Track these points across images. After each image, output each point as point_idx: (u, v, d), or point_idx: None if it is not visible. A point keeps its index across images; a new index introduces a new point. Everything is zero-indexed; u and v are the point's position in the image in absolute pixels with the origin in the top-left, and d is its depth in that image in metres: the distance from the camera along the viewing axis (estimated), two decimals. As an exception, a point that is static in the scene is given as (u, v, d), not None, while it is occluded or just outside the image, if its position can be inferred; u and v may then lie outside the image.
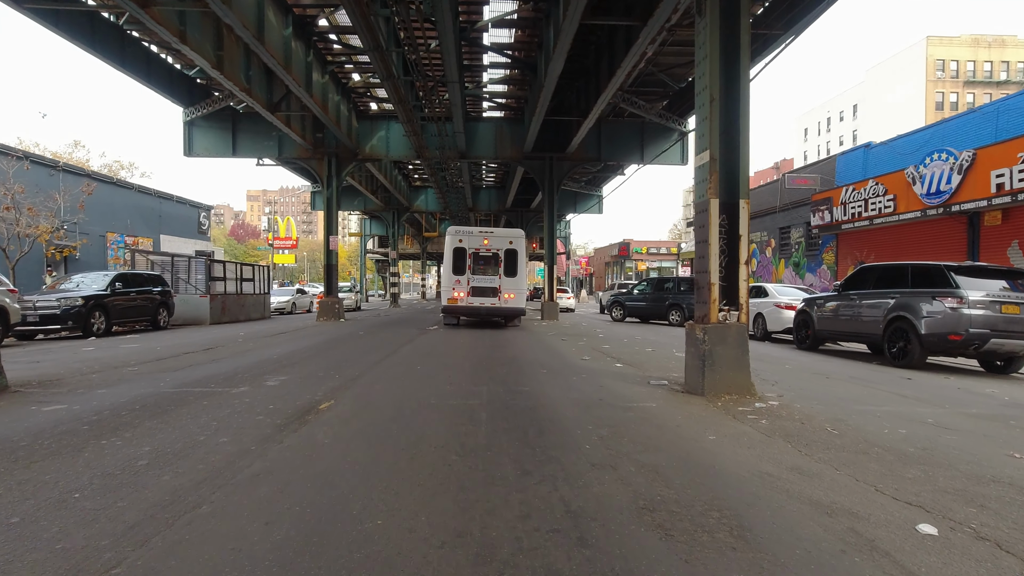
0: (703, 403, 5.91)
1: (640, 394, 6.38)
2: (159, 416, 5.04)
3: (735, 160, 6.27)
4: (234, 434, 4.40)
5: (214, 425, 4.70)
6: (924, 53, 58.91)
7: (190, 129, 21.18)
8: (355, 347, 11.08)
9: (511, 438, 4.37)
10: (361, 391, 6.35)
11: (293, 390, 6.37)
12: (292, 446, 4.09)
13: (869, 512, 3.02)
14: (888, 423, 5.21)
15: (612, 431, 4.66)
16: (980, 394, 7.20)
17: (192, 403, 5.61)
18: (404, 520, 2.81)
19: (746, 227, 6.26)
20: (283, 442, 4.18)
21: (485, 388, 6.59)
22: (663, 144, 22.41)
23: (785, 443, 4.41)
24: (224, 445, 4.10)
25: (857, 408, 5.88)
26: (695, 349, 6.27)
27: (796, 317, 12.77)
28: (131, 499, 3.06)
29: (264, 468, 3.62)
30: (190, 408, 5.38)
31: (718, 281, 6.18)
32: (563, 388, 6.75)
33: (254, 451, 3.97)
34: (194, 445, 4.09)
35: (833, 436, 4.66)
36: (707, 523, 2.82)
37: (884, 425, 5.12)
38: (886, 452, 4.21)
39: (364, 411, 5.30)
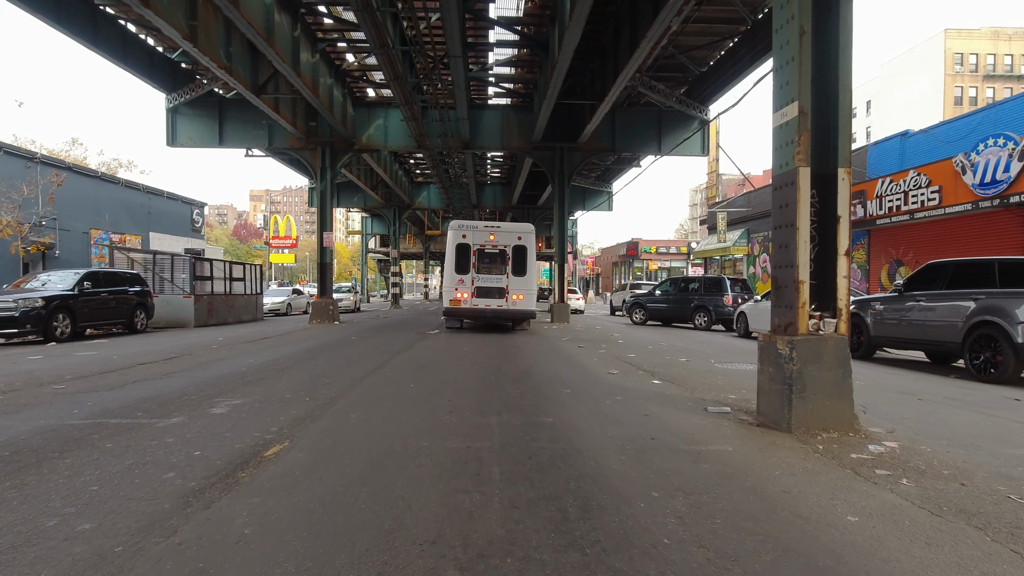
0: (795, 445, 4.30)
1: (703, 429, 4.79)
2: (24, 470, 3.49)
3: (831, 115, 4.70)
4: (106, 516, 2.82)
5: (91, 492, 3.14)
6: (942, 46, 57.02)
7: (173, 117, 19.68)
8: (342, 356, 9.53)
9: (541, 522, 2.79)
10: (331, 424, 4.78)
11: (242, 422, 4.81)
12: (184, 546, 2.51)
13: None
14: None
15: (691, 504, 3.07)
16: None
17: (92, 445, 4.07)
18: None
19: (847, 206, 4.67)
20: (174, 536, 2.61)
21: (495, 419, 5.01)
22: (682, 133, 20.76)
23: (977, 532, 2.81)
24: (69, 546, 2.51)
25: (1009, 452, 4.28)
26: (776, 369, 4.69)
27: (846, 321, 11.13)
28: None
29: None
30: (81, 455, 3.83)
31: (808, 278, 4.59)
32: (598, 418, 5.16)
33: (113, 561, 2.39)
34: (16, 547, 2.50)
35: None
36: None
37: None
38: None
39: (325, 463, 3.73)
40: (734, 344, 12.93)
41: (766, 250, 30.09)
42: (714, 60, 19.03)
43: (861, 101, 67.37)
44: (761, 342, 4.95)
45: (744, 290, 18.75)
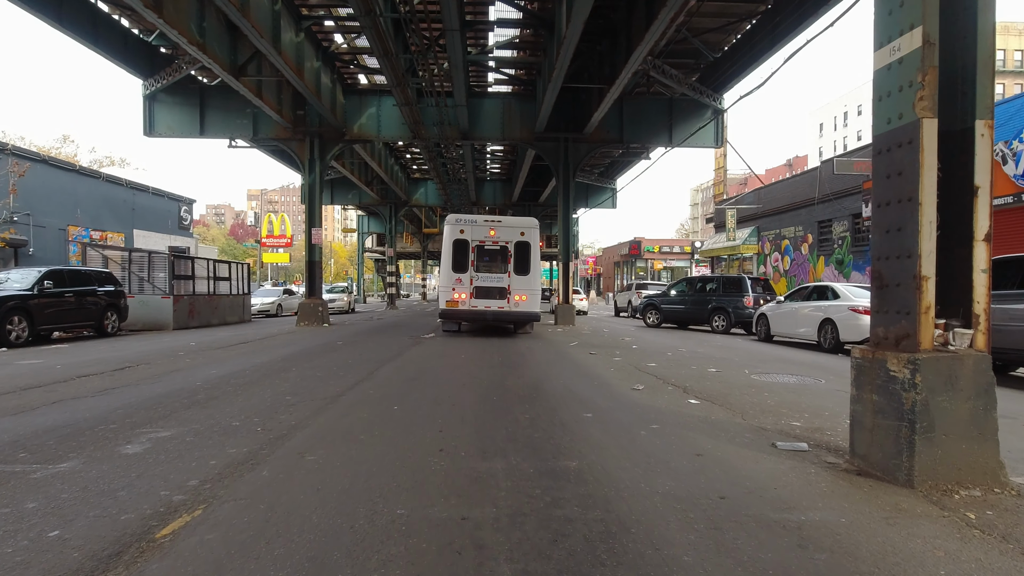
0: (932, 512, 3.00)
1: (785, 480, 3.49)
2: None
3: (963, 45, 3.44)
4: None
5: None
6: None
7: (151, 105, 18.36)
8: (320, 366, 8.23)
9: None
10: (274, 474, 3.47)
11: (153, 469, 3.53)
12: None
13: None
14: None
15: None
16: None
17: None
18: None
19: (987, 172, 3.40)
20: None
21: (501, 464, 3.72)
22: (694, 123, 19.48)
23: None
24: None
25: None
26: (886, 399, 3.40)
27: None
28: None
29: None
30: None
31: (933, 274, 3.31)
32: (637, 460, 3.87)
33: None
34: None
35: None
36: None
37: None
38: None
39: (241, 556, 2.44)
40: (761, 350, 11.67)
41: (777, 249, 28.78)
42: (729, 45, 17.81)
43: (866, 98, 65.72)
44: (860, 360, 3.66)
45: (766, 290, 17.45)
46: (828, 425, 5.03)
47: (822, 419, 5.31)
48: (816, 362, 9.75)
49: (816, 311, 12.61)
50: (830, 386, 7.15)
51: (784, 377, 7.69)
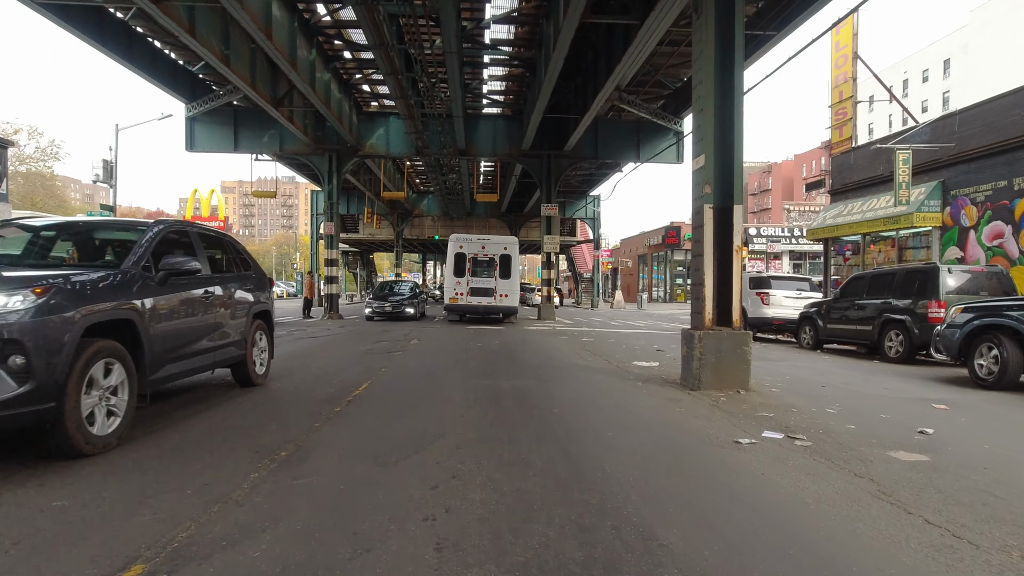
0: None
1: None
2: None
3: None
4: None
5: None
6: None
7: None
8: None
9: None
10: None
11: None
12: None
13: None
14: None
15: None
16: None
17: None
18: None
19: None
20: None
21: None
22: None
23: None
24: None
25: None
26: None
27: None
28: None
29: None
30: None
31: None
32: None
33: None
34: None
35: None
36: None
37: None
38: None
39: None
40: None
41: (1003, 216, 15.65)
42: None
43: (934, 62, 56.27)
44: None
45: (1000, 285, 10.42)
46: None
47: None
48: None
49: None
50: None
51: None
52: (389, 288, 22.79)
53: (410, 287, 22.37)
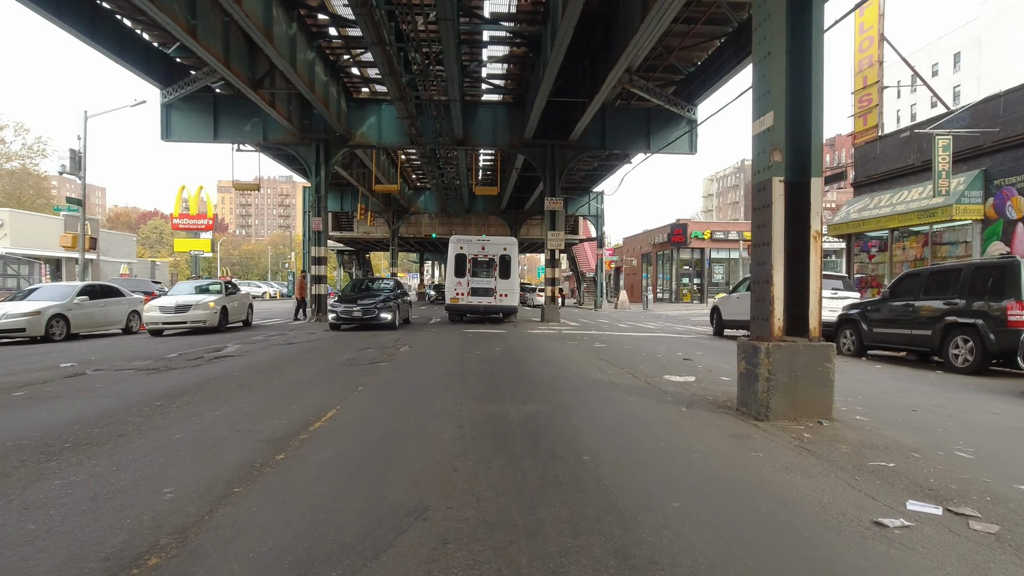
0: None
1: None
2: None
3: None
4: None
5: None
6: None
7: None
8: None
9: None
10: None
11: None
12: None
13: None
14: None
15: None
16: None
17: None
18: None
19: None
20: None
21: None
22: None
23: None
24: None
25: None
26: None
27: None
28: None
29: None
30: None
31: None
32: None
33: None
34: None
35: None
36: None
37: None
38: None
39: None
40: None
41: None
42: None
43: (943, 56, 53.98)
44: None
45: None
46: None
47: None
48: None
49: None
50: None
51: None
52: (362, 287, 18.73)
53: (390, 287, 17.94)
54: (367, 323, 15.41)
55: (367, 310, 15.34)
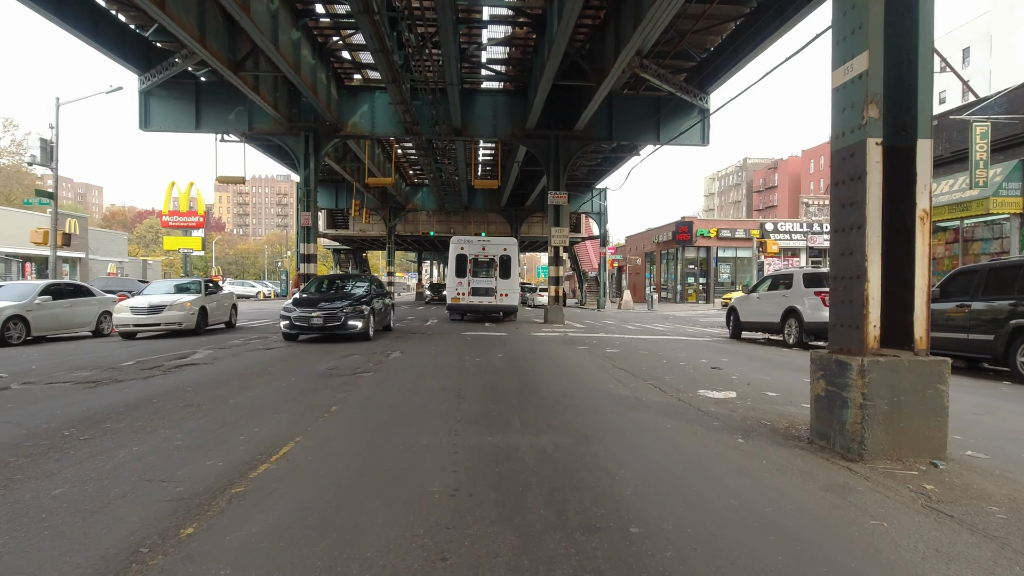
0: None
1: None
2: None
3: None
4: None
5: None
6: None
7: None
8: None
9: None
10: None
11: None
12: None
13: None
14: None
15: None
16: None
17: None
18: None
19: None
20: None
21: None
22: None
23: None
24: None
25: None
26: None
27: None
28: None
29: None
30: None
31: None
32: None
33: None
34: None
35: None
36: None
37: None
38: None
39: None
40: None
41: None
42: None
43: (952, 50, 49.22)
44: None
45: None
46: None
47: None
48: None
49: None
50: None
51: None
52: (330, 286, 14.53)
53: (365, 287, 14.25)
54: (331, 332, 12.04)
55: (331, 315, 11.81)
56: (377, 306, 13.48)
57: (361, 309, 12.25)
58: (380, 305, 13.89)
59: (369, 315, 12.48)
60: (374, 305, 13.08)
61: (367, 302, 12.74)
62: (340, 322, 11.88)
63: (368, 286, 14.30)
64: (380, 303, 13.94)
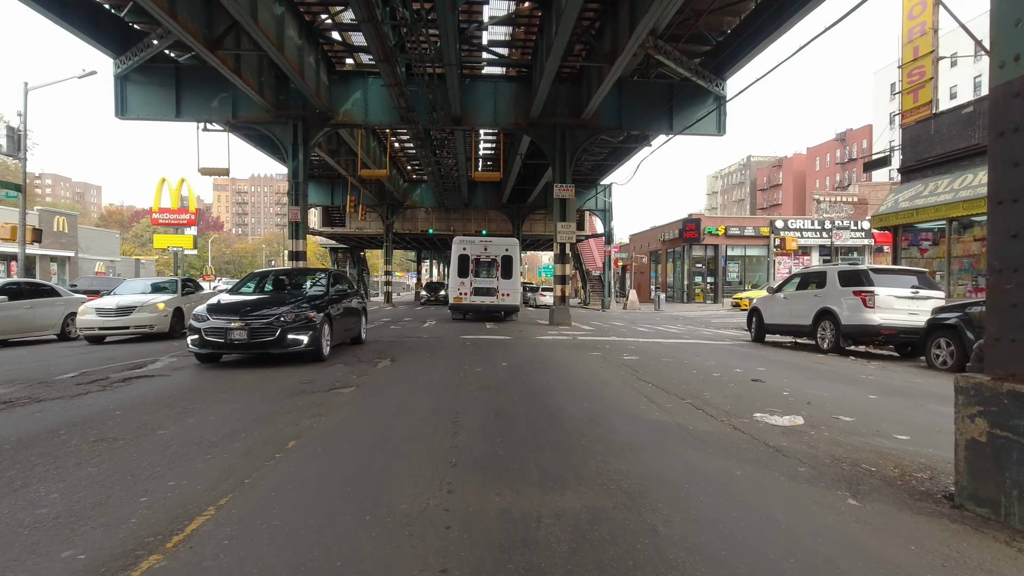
0: None
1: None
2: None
3: None
4: None
5: None
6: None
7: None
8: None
9: None
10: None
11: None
12: None
13: None
14: None
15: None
16: None
17: None
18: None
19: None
20: None
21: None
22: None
23: None
24: None
25: None
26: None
27: None
28: None
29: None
30: None
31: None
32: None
33: None
34: None
35: None
36: None
37: None
38: None
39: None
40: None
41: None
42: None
43: (965, 45, 44.62)
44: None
45: None
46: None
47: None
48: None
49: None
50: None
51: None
52: (275, 284, 10.90)
53: (323, 287, 10.34)
54: (261, 349, 8.25)
55: (262, 328, 8.16)
56: (338, 312, 9.78)
57: (308, 317, 8.49)
58: (342, 311, 10.07)
59: (322, 325, 8.79)
60: (331, 311, 9.32)
61: (321, 306, 9.00)
62: (275, 336, 8.14)
63: (327, 285, 10.25)
64: (342, 308, 10.09)
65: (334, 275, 10.97)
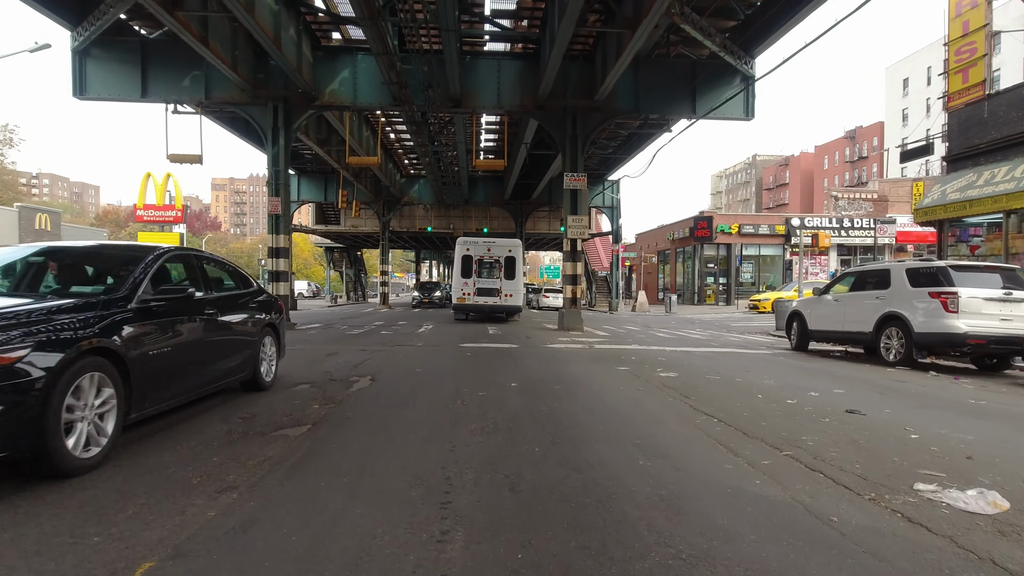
0: None
1: None
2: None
3: None
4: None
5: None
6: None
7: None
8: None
9: None
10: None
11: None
12: None
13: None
14: None
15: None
16: None
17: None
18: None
19: None
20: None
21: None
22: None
23: None
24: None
25: None
26: None
27: None
28: None
29: None
30: None
31: None
32: None
33: None
34: None
35: None
36: None
37: None
38: None
39: None
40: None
41: None
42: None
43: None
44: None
45: None
46: None
47: None
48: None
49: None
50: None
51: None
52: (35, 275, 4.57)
53: (134, 277, 4.14)
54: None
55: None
56: (171, 338, 4.35)
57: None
58: (191, 332, 4.68)
59: (55, 377, 3.10)
60: (126, 340, 3.74)
61: (74, 330, 3.34)
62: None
63: (138, 280, 4.17)
64: (191, 327, 4.68)
65: (186, 258, 5.22)
